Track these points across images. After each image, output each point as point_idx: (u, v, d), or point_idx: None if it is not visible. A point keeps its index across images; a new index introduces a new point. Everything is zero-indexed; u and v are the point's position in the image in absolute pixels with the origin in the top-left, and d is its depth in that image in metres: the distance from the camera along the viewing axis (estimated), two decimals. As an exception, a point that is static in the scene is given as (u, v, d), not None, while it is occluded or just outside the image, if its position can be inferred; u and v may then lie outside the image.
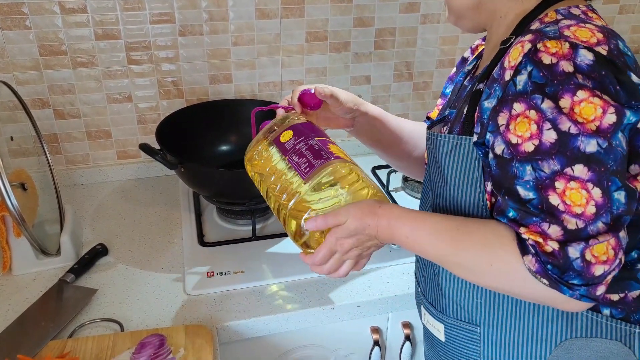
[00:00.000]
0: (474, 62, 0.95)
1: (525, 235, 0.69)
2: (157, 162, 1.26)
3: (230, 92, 1.56)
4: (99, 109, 1.48)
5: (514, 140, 0.69)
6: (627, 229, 0.73)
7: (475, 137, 0.75)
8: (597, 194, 0.65)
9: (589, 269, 0.66)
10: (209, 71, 1.51)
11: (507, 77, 0.70)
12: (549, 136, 0.66)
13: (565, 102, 0.65)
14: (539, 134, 0.67)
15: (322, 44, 1.56)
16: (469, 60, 0.99)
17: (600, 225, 0.66)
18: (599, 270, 0.66)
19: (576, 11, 0.74)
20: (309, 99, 0.99)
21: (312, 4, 1.50)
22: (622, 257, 0.68)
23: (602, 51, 0.66)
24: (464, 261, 0.75)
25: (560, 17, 0.72)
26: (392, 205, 0.82)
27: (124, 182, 1.55)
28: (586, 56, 0.66)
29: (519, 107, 0.68)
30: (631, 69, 0.68)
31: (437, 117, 0.97)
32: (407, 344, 1.24)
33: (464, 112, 0.80)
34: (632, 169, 0.71)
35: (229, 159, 1.49)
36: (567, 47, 0.66)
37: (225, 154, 1.51)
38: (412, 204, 1.04)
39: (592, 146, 0.65)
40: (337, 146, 0.90)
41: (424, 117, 1.11)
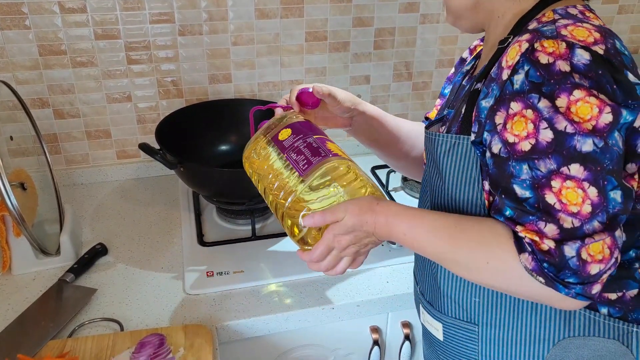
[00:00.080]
0: (473, 62, 0.95)
1: (521, 233, 0.69)
2: (157, 162, 1.26)
3: (229, 91, 1.56)
4: (98, 109, 1.48)
5: (510, 139, 0.69)
6: (624, 228, 0.73)
7: (472, 137, 0.76)
8: (593, 193, 0.66)
9: (584, 268, 0.66)
10: (209, 71, 1.51)
11: (505, 76, 0.70)
12: (546, 135, 0.66)
13: (561, 102, 0.66)
14: (535, 133, 0.67)
15: (322, 43, 1.57)
16: (468, 60, 0.99)
17: (596, 224, 0.66)
18: (594, 269, 0.66)
19: (573, 11, 0.74)
20: (307, 98, 0.99)
21: (312, 3, 1.50)
22: (618, 256, 0.68)
23: (599, 50, 0.66)
24: (461, 258, 0.75)
25: (557, 17, 0.73)
26: (389, 202, 0.82)
27: (124, 182, 1.56)
28: (583, 56, 0.66)
29: (516, 106, 0.68)
30: (628, 68, 0.68)
31: (435, 117, 0.97)
32: (407, 344, 1.24)
33: (462, 112, 0.81)
34: (629, 168, 0.71)
35: (229, 159, 1.49)
36: (564, 46, 0.66)
37: (224, 153, 1.51)
38: (411, 204, 1.03)
39: (588, 145, 0.65)
40: (335, 144, 0.91)
41: (423, 117, 1.11)
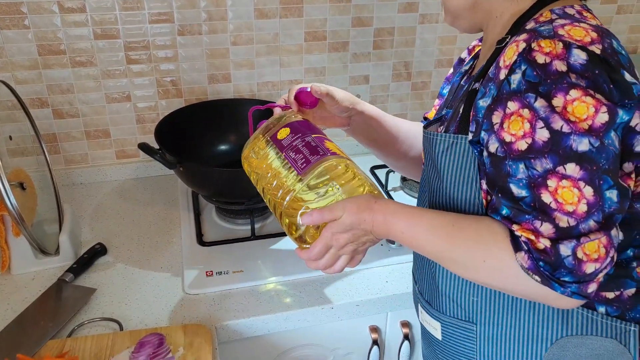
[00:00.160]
0: (471, 62, 0.96)
1: (518, 232, 0.69)
2: (156, 162, 1.26)
3: (229, 91, 1.56)
4: (97, 109, 1.48)
5: (507, 138, 0.69)
6: (622, 227, 0.73)
7: (470, 136, 0.76)
8: (588, 192, 0.66)
9: (580, 267, 0.66)
10: (208, 71, 1.52)
11: (502, 76, 0.70)
12: (542, 135, 0.66)
13: (558, 101, 0.66)
14: (532, 132, 0.67)
15: (321, 43, 1.57)
16: (466, 60, 0.99)
17: (591, 223, 0.66)
18: (590, 268, 0.66)
19: (571, 11, 0.74)
20: (305, 98, 1.00)
21: (311, 3, 1.50)
22: (613, 255, 0.68)
23: (596, 50, 0.67)
24: (458, 257, 0.76)
25: (555, 17, 0.73)
26: (388, 200, 0.83)
27: (123, 182, 1.56)
28: (579, 55, 0.66)
29: (513, 105, 0.68)
30: (625, 67, 0.68)
31: (434, 117, 0.97)
32: (406, 343, 1.24)
33: (460, 112, 0.81)
34: (626, 167, 0.71)
35: (228, 159, 1.49)
36: (560, 46, 0.67)
37: (224, 153, 1.51)
38: (410, 204, 1.03)
39: (584, 145, 0.65)
40: (333, 143, 0.91)
41: (422, 117, 1.11)
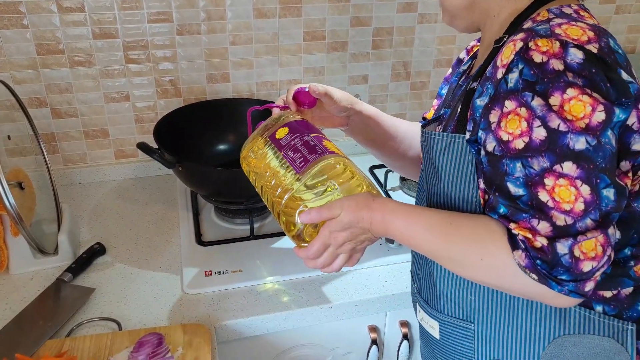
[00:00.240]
0: (469, 62, 0.96)
1: (515, 230, 0.69)
2: (155, 162, 1.27)
3: (227, 91, 1.56)
4: (96, 108, 1.48)
5: (504, 137, 0.69)
6: (619, 226, 0.73)
7: (467, 135, 0.76)
8: (585, 191, 0.66)
9: (577, 265, 0.66)
10: (207, 70, 1.52)
11: (499, 75, 0.70)
12: (539, 133, 0.67)
13: (555, 100, 0.66)
14: (529, 131, 0.67)
15: (320, 43, 1.57)
16: (464, 60, 0.99)
17: (588, 221, 0.66)
18: (587, 266, 0.66)
19: (568, 10, 0.75)
20: (304, 98, 1.00)
21: (310, 3, 1.50)
22: (611, 254, 0.68)
23: (592, 49, 0.67)
24: (455, 255, 0.76)
25: (552, 16, 0.73)
26: (386, 199, 0.83)
27: (122, 182, 1.56)
28: (576, 54, 0.66)
29: (510, 104, 0.69)
30: (621, 66, 0.68)
31: (432, 117, 0.97)
32: (405, 343, 1.24)
33: (457, 111, 0.81)
34: (623, 166, 0.71)
35: (227, 158, 1.49)
36: (557, 45, 0.67)
37: (223, 153, 1.51)
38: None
39: (581, 144, 0.65)
40: (332, 143, 0.91)
41: (421, 117, 1.11)
